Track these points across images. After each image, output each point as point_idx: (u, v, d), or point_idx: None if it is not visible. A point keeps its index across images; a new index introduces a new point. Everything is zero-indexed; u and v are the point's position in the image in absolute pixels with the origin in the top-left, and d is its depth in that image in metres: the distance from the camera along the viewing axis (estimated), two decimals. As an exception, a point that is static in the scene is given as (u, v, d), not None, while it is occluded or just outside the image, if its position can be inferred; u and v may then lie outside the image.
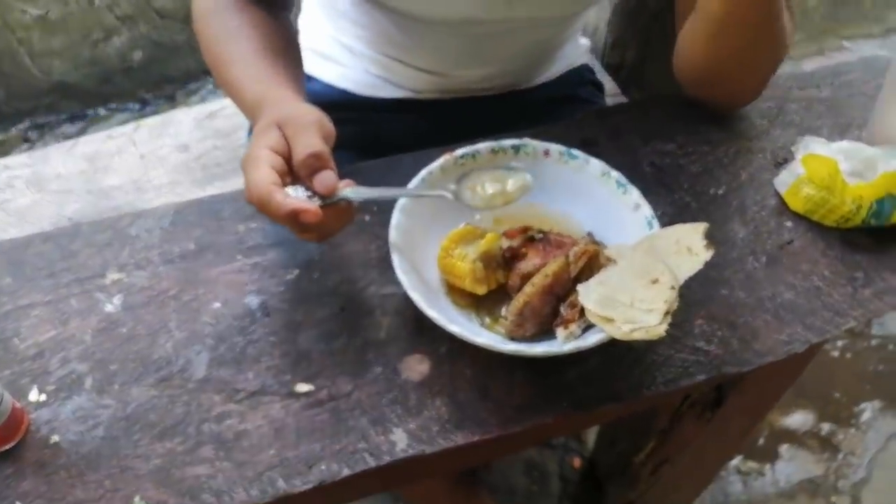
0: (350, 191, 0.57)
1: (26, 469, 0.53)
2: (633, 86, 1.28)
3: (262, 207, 0.55)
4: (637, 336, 0.50)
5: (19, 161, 1.16)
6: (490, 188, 0.63)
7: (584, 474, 1.27)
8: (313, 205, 0.54)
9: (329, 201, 0.56)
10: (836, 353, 1.48)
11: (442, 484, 1.12)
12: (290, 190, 0.56)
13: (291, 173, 0.57)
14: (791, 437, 1.33)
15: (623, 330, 0.51)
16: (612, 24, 1.22)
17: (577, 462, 1.28)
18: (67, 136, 1.85)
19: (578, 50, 1.00)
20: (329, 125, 0.59)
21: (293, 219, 0.54)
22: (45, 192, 1.12)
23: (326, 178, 0.56)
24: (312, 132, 0.57)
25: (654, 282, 0.54)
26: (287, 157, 0.57)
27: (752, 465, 1.29)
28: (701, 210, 0.70)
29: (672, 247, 0.57)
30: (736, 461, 1.31)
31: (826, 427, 1.35)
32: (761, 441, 1.32)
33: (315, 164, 0.56)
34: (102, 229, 0.67)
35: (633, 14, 1.18)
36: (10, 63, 1.77)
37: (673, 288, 0.53)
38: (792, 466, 1.29)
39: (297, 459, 0.53)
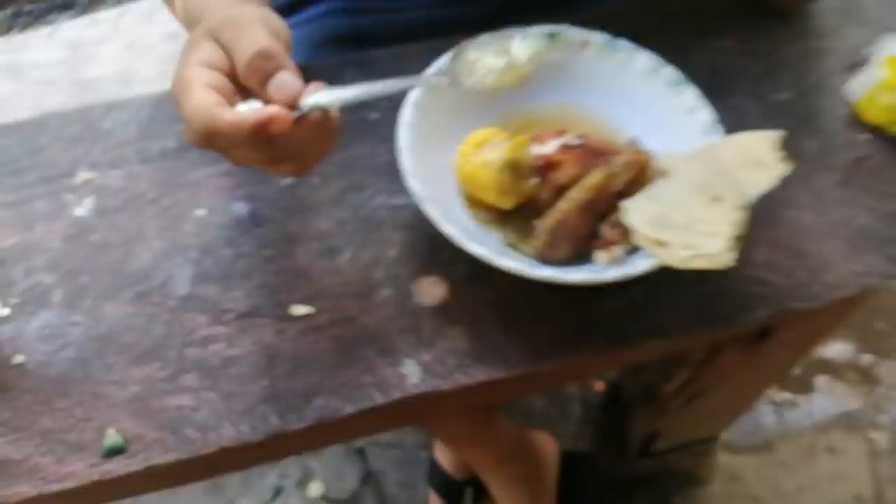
0: (322, 94, 0.42)
1: (-15, 393, 0.47)
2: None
3: (209, 140, 0.41)
4: (698, 265, 0.42)
5: (-6, 47, 1.07)
6: (494, 61, 0.50)
7: (608, 399, 1.22)
8: (281, 110, 0.40)
9: (296, 115, 0.41)
10: (879, 282, 1.40)
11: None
12: (242, 106, 0.41)
13: (240, 90, 0.43)
14: (829, 368, 1.28)
15: (680, 255, 0.43)
16: None
17: (600, 386, 1.22)
18: (55, 25, 1.73)
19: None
20: (281, 23, 0.44)
21: (259, 137, 0.40)
22: (23, 81, 1.02)
23: (284, 82, 0.41)
24: (256, 28, 0.42)
25: (717, 200, 0.46)
26: (229, 73, 0.43)
27: (786, 395, 1.23)
28: (763, 118, 0.61)
29: (738, 159, 0.48)
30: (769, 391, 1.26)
31: (866, 359, 1.29)
32: (797, 371, 1.27)
33: (266, 65, 0.41)
34: (72, 122, 0.60)
35: None
36: (-13, -59, 1.63)
37: (741, 208, 0.44)
38: (828, 399, 1.24)
39: (293, 393, 0.48)
